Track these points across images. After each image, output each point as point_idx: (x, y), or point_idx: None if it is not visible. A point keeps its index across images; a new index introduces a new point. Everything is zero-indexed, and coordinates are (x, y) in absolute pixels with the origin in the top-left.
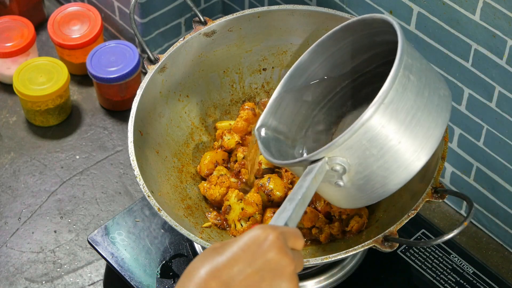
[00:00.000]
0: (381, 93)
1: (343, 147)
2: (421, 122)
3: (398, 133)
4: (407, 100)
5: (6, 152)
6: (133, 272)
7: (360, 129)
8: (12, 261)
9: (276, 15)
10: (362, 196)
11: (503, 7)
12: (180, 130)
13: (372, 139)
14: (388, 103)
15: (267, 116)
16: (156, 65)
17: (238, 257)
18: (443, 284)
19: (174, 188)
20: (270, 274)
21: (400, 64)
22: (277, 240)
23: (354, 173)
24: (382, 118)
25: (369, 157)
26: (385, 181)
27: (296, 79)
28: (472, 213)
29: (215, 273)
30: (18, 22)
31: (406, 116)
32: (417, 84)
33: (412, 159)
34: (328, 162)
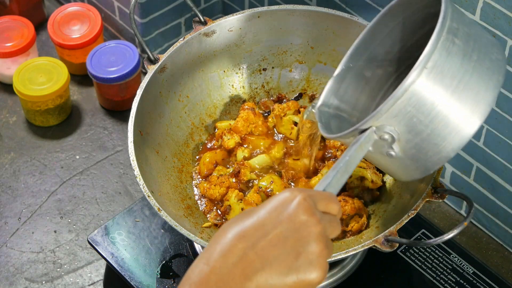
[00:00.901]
0: (423, 57)
1: (389, 115)
2: (470, 85)
3: (445, 98)
4: (453, 63)
5: (6, 152)
6: (133, 272)
7: (404, 95)
8: (12, 261)
9: (276, 15)
10: (418, 165)
11: (503, 7)
12: (180, 130)
13: (418, 105)
14: (431, 67)
15: (328, 95)
16: (156, 65)
17: (264, 218)
18: (443, 284)
19: (174, 188)
20: (296, 234)
21: (442, 28)
22: (304, 201)
23: (405, 141)
24: (426, 82)
25: (417, 124)
26: (438, 148)
27: (357, 58)
28: (472, 213)
29: (242, 235)
30: (18, 22)
31: (452, 80)
32: (464, 47)
33: (463, 124)
34: (376, 132)
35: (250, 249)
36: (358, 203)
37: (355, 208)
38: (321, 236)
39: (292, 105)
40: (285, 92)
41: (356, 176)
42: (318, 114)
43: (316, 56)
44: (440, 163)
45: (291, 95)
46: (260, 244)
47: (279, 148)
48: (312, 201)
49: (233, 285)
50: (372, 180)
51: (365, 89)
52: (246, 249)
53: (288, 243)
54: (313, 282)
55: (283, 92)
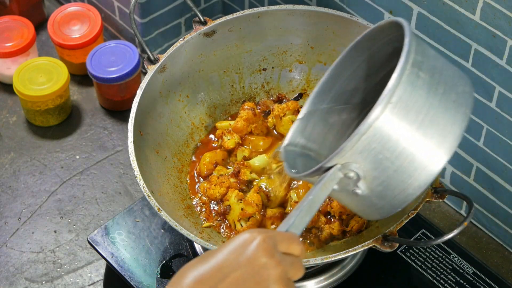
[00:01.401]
0: (387, 92)
1: (353, 152)
2: (436, 120)
3: (410, 133)
4: (418, 98)
5: (6, 152)
6: (133, 272)
7: (368, 131)
8: (12, 261)
9: (276, 15)
10: (384, 203)
11: (503, 7)
12: (180, 130)
13: (383, 141)
14: (395, 102)
15: (295, 134)
16: (156, 65)
17: (223, 261)
18: (443, 284)
19: (174, 188)
20: (255, 277)
21: (406, 61)
22: (263, 243)
23: (371, 179)
24: (391, 117)
25: (383, 161)
26: (405, 185)
27: (323, 96)
28: (472, 213)
29: (200, 280)
30: (18, 22)
31: (417, 115)
32: (429, 81)
33: (430, 160)
34: (341, 169)
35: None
36: None
37: None
38: (281, 279)
39: (292, 105)
40: (285, 92)
41: None
42: (284, 153)
43: (316, 56)
44: (407, 200)
45: (291, 95)
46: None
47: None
48: (272, 243)
49: None
50: None
51: (332, 129)
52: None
53: (247, 286)
54: None
55: (283, 92)
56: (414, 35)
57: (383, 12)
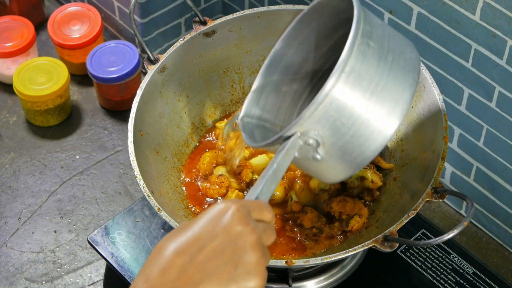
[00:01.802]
0: (340, 62)
1: (312, 120)
2: (387, 86)
3: (364, 100)
4: (369, 66)
5: (6, 152)
6: (133, 272)
7: (325, 100)
8: (12, 261)
9: (276, 15)
10: (344, 167)
11: (503, 7)
12: (180, 130)
13: (339, 109)
14: (349, 72)
15: (250, 106)
16: (156, 65)
17: (200, 231)
18: (443, 284)
19: (174, 188)
20: (232, 245)
21: (357, 32)
22: (238, 212)
23: (329, 145)
24: (345, 87)
25: (340, 127)
26: (362, 148)
27: (274, 68)
28: (472, 213)
29: (179, 251)
30: (18, 22)
31: (370, 83)
32: (379, 49)
33: (384, 124)
34: (301, 137)
35: (188, 264)
36: (358, 203)
37: (355, 208)
38: (257, 245)
39: None
40: None
41: (356, 176)
42: (241, 124)
43: None
44: (365, 162)
45: None
46: (197, 258)
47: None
48: (246, 211)
49: None
50: (372, 180)
51: (285, 99)
52: (184, 264)
53: (225, 254)
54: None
55: None
56: (362, 6)
57: (383, 12)
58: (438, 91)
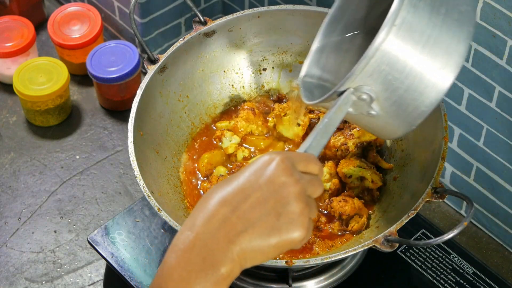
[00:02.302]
0: (390, 15)
1: (364, 75)
2: (440, 39)
3: (416, 53)
4: (421, 19)
5: (6, 152)
6: (133, 272)
7: (376, 54)
8: (12, 261)
9: (276, 15)
10: (399, 122)
11: (503, 7)
12: (180, 130)
13: (391, 62)
14: (399, 24)
15: (310, 66)
16: (156, 65)
17: (244, 182)
18: (443, 284)
19: (174, 188)
20: (275, 195)
21: None
22: (282, 163)
23: (383, 99)
24: (396, 40)
25: (393, 81)
26: (416, 103)
27: (334, 26)
28: (472, 213)
29: (223, 200)
30: (18, 22)
31: (421, 35)
32: (431, 2)
33: (438, 77)
34: (354, 93)
35: (231, 213)
36: (358, 203)
37: (355, 208)
38: (301, 196)
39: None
40: (285, 92)
41: (356, 176)
42: (301, 84)
43: None
44: (421, 117)
45: None
46: (241, 207)
47: (279, 148)
48: (290, 163)
49: (218, 248)
50: (372, 180)
51: (345, 58)
52: (228, 214)
53: (268, 204)
54: (295, 240)
55: (283, 92)
56: None
57: None
58: None
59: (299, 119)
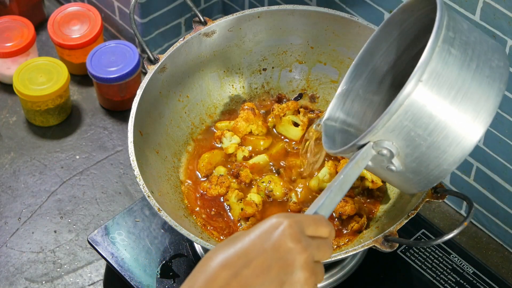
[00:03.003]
0: (417, 69)
1: (385, 130)
2: (469, 95)
3: (442, 110)
4: (450, 74)
5: (6, 152)
6: (133, 272)
7: (399, 109)
8: (12, 261)
9: (276, 15)
10: (420, 179)
11: (503, 7)
12: (180, 130)
13: (415, 118)
14: (426, 79)
15: (334, 109)
16: (156, 65)
17: (248, 246)
18: (443, 284)
19: (174, 188)
20: (280, 262)
21: (437, 38)
22: (289, 228)
23: (404, 155)
24: (422, 95)
25: (415, 138)
26: (439, 161)
27: (360, 72)
28: (472, 213)
29: (225, 263)
30: (18, 22)
31: (449, 91)
32: (461, 57)
33: (464, 135)
34: (374, 147)
35: (233, 278)
36: (358, 203)
37: (355, 208)
38: (307, 264)
39: (291, 105)
40: (285, 92)
41: None
42: (324, 127)
43: (316, 56)
44: (443, 175)
45: (291, 95)
46: (243, 273)
47: (279, 148)
48: (299, 228)
49: None
50: (372, 180)
51: (372, 104)
52: (229, 278)
53: (272, 271)
54: None
55: (283, 92)
56: (447, 9)
57: (383, 12)
58: None
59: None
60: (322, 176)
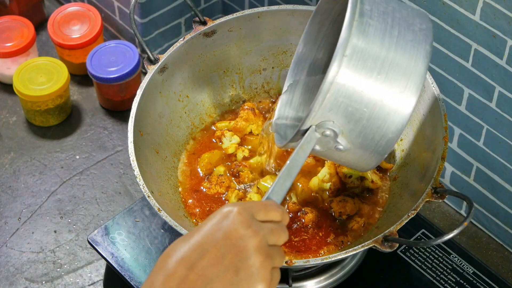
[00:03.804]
0: (339, 46)
1: (323, 111)
2: (396, 62)
3: (372, 81)
4: (372, 45)
5: (6, 152)
6: (133, 272)
7: (331, 88)
8: (12, 261)
9: (276, 15)
10: (370, 153)
11: (503, 7)
12: (180, 130)
13: (348, 94)
14: (350, 54)
15: (282, 108)
16: (156, 65)
17: (202, 238)
18: (443, 284)
19: (174, 188)
20: (233, 250)
21: (353, 13)
22: (239, 215)
23: (348, 132)
24: (348, 70)
25: (354, 113)
26: (382, 131)
27: (301, 68)
28: (472, 213)
29: (182, 258)
30: (18, 22)
31: (375, 62)
32: (381, 26)
33: (399, 101)
34: (317, 130)
35: (190, 271)
36: (358, 203)
37: (355, 208)
38: (260, 248)
39: None
40: None
41: (356, 176)
42: (274, 126)
43: None
44: (390, 145)
45: None
46: (199, 264)
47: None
48: (248, 214)
49: None
50: (372, 180)
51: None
52: (186, 272)
53: (225, 260)
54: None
55: None
56: None
57: None
58: (438, 91)
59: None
60: (322, 176)
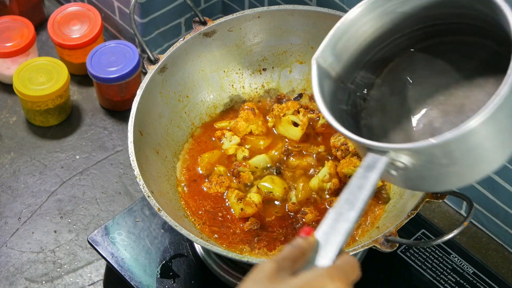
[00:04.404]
0: (482, 112)
1: (414, 151)
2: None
3: (478, 147)
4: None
5: (6, 152)
6: (133, 272)
7: (439, 143)
8: (12, 261)
9: (276, 15)
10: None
11: None
12: (180, 130)
13: (447, 152)
14: (480, 124)
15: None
16: (156, 65)
17: None
18: (443, 284)
19: (174, 188)
20: None
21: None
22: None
23: (411, 170)
24: (472, 134)
25: (433, 163)
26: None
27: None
28: (472, 213)
29: None
30: (18, 22)
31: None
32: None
33: (500, 157)
34: (391, 156)
35: None
36: None
37: None
38: None
39: (291, 105)
40: (285, 92)
41: None
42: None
43: None
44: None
45: (291, 95)
46: None
47: (278, 148)
48: (347, 283)
49: None
50: None
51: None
52: None
53: None
54: None
55: (283, 92)
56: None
57: None
58: None
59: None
60: (322, 176)
